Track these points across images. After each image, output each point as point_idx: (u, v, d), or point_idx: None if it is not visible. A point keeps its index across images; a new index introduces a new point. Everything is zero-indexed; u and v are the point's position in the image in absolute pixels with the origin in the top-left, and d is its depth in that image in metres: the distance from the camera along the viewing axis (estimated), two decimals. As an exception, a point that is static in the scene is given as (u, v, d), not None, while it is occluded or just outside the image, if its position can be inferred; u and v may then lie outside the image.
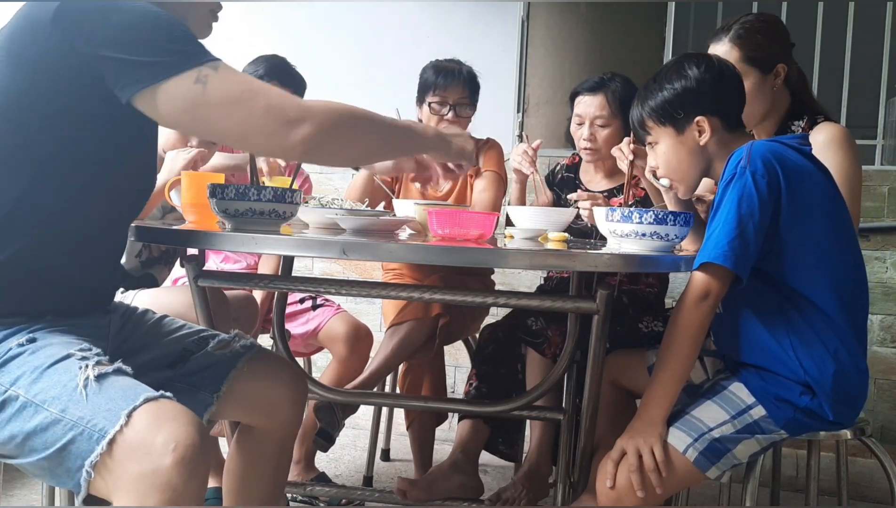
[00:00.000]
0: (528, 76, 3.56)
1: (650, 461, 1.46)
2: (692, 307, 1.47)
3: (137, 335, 1.48)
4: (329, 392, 2.01)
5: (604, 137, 2.29)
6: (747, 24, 1.92)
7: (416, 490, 2.04)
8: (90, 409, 1.12)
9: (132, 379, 1.20)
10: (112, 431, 1.09)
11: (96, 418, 1.11)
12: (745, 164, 1.47)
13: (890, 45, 3.28)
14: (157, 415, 1.11)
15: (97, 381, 1.15)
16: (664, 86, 1.64)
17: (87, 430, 1.11)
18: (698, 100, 1.61)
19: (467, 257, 1.48)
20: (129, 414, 1.10)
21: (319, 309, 2.51)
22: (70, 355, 1.20)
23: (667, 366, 1.50)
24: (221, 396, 1.45)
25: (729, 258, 1.44)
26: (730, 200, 1.47)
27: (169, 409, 1.13)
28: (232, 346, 1.50)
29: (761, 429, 1.50)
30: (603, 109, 2.29)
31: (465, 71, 2.47)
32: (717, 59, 1.67)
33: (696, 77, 1.62)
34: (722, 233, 1.45)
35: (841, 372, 1.49)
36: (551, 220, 1.89)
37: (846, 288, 1.53)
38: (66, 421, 1.13)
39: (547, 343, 2.13)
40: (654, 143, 1.69)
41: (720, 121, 1.62)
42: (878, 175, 3.12)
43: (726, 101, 1.64)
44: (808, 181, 1.52)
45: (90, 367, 1.17)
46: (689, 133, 1.63)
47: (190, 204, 1.77)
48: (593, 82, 2.34)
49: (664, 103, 1.63)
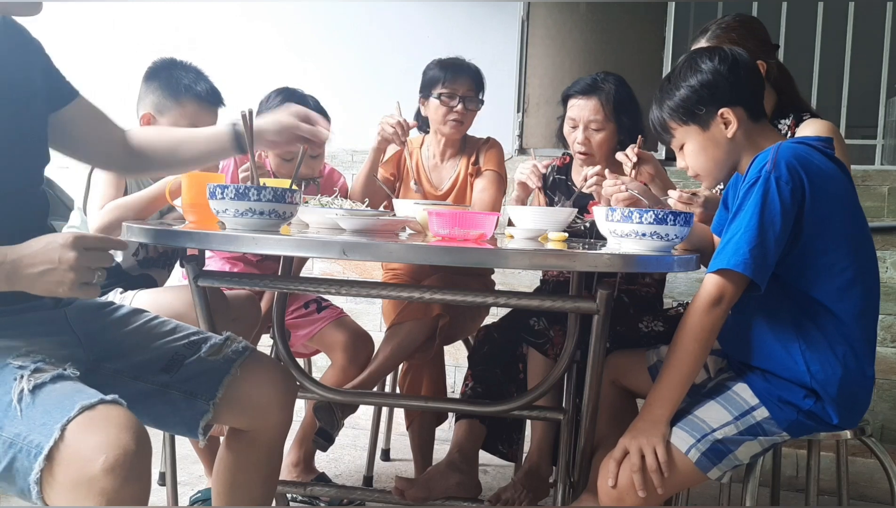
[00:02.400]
0: (528, 76, 3.56)
1: (653, 461, 1.46)
2: (705, 310, 1.46)
3: (119, 336, 1.46)
4: (328, 392, 2.00)
5: (598, 141, 2.28)
6: (723, 25, 1.95)
7: (413, 490, 2.04)
8: (25, 425, 1.11)
9: (72, 384, 1.18)
10: (47, 446, 1.08)
11: (32, 433, 1.10)
12: (770, 169, 1.44)
13: (890, 45, 3.28)
14: (90, 425, 1.10)
15: (31, 393, 1.14)
16: (680, 85, 1.60)
17: (25, 447, 1.10)
18: (718, 92, 1.57)
19: (467, 257, 1.48)
20: (63, 427, 1.09)
21: (325, 311, 2.50)
22: (7, 364, 1.18)
23: (674, 367, 1.49)
24: (217, 403, 1.44)
25: (749, 266, 1.42)
26: (753, 205, 1.44)
27: (102, 416, 1.11)
28: (224, 351, 1.49)
29: (764, 431, 1.50)
30: (597, 113, 2.26)
31: (472, 66, 2.49)
32: (730, 48, 1.63)
33: (712, 69, 1.58)
34: (743, 239, 1.43)
35: (847, 377, 1.48)
36: (551, 220, 1.88)
37: (862, 291, 1.51)
38: (3, 440, 1.12)
39: (549, 343, 2.13)
40: (679, 145, 1.65)
41: (744, 111, 1.58)
42: (878, 175, 3.12)
43: (746, 90, 1.59)
44: (831, 186, 1.49)
45: (25, 378, 1.15)
46: (715, 127, 1.58)
47: (190, 204, 1.77)
48: (586, 84, 2.29)
49: (684, 101, 1.59)
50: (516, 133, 3.51)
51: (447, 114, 2.43)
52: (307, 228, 1.79)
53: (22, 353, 1.20)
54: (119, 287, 2.13)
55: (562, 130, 2.36)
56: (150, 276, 2.24)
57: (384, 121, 2.32)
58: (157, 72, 2.12)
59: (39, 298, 1.32)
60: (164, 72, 2.11)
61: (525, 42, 3.55)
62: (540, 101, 3.55)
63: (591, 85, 2.28)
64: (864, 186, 3.12)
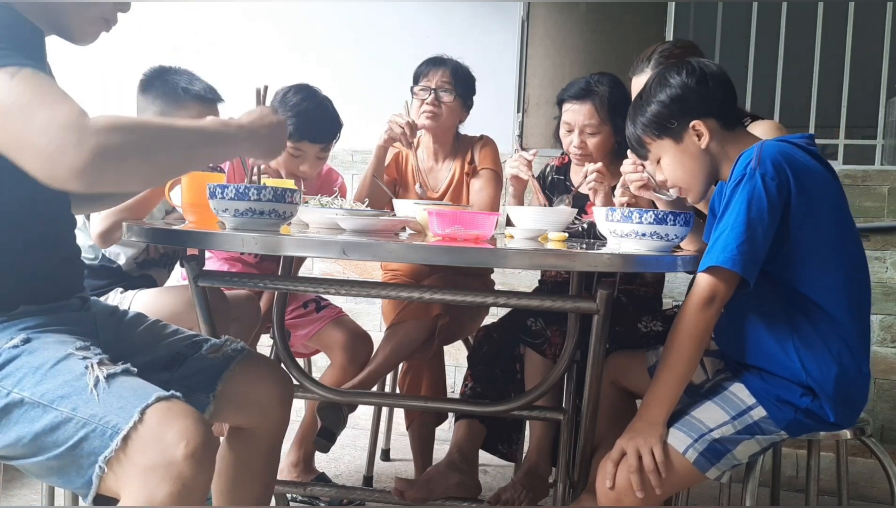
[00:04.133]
0: (528, 76, 3.56)
1: (650, 461, 1.46)
2: (698, 309, 1.46)
3: (131, 338, 1.49)
4: (328, 391, 2.00)
5: (594, 144, 2.26)
6: (665, 52, 2.00)
7: (413, 491, 2.04)
8: (102, 407, 1.15)
9: (140, 379, 1.23)
10: (126, 427, 1.12)
11: (109, 415, 1.14)
12: (755, 166, 1.46)
13: (890, 45, 3.28)
14: (168, 413, 1.15)
15: (107, 381, 1.18)
16: (651, 101, 1.63)
17: (100, 427, 1.14)
18: (688, 105, 1.60)
19: (467, 257, 1.48)
20: (142, 411, 1.14)
21: (324, 310, 2.51)
22: (70, 354, 1.22)
23: (670, 367, 1.49)
24: (216, 397, 1.47)
25: (738, 262, 1.42)
26: (739, 202, 1.45)
27: (179, 408, 1.17)
28: (224, 350, 1.53)
29: (761, 430, 1.50)
30: (591, 118, 2.23)
31: (451, 61, 2.48)
32: (698, 61, 1.66)
33: (680, 83, 1.61)
34: (731, 236, 1.44)
35: (843, 375, 1.49)
36: (551, 220, 1.88)
37: (853, 289, 1.52)
38: (77, 420, 1.15)
39: (547, 343, 2.13)
40: (656, 159, 1.67)
41: (716, 122, 1.61)
42: (878, 175, 3.12)
43: (716, 100, 1.62)
44: (817, 182, 1.51)
45: (96, 367, 1.20)
46: (688, 139, 1.61)
47: (190, 204, 1.77)
48: (579, 89, 2.26)
49: (656, 116, 1.62)
50: (516, 133, 3.51)
51: (420, 107, 2.43)
52: (307, 228, 1.79)
53: (80, 347, 1.25)
54: (119, 287, 2.13)
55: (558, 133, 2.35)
56: (149, 276, 2.24)
57: (393, 120, 2.31)
58: (152, 81, 2.12)
59: (70, 297, 1.41)
60: (159, 80, 2.11)
61: (525, 42, 3.55)
62: (540, 101, 3.55)
63: (585, 89, 2.25)
64: (864, 186, 3.12)
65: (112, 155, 1.08)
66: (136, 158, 1.12)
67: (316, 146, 2.34)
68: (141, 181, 1.23)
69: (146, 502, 1.10)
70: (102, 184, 1.12)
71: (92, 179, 1.08)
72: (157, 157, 1.16)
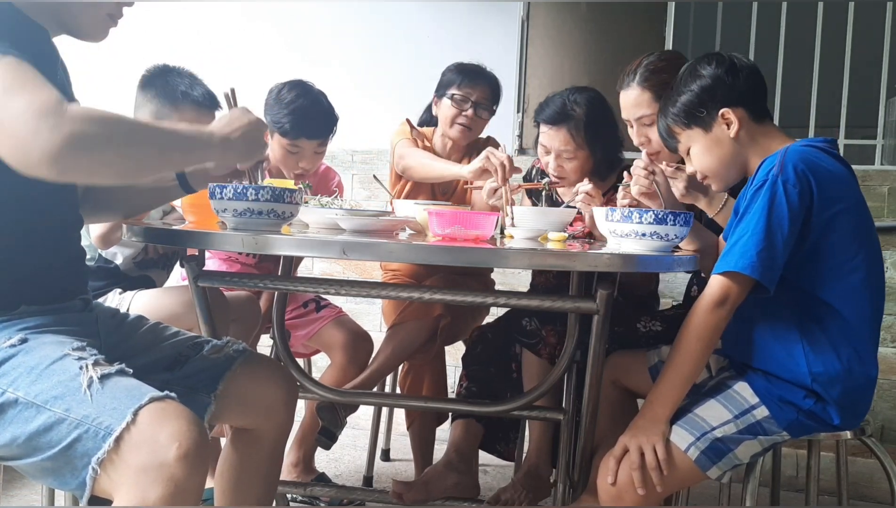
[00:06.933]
0: (528, 76, 3.56)
1: (652, 458, 1.46)
2: (709, 311, 1.46)
3: (132, 340, 1.49)
4: (328, 392, 2.00)
5: (571, 169, 2.18)
6: (651, 66, 1.98)
7: (411, 493, 2.03)
8: (95, 408, 1.14)
9: (135, 380, 1.22)
10: (119, 428, 1.12)
11: (102, 416, 1.13)
12: (777, 172, 1.46)
13: (890, 45, 3.28)
14: (162, 414, 1.14)
15: (100, 381, 1.17)
16: (682, 91, 1.64)
17: (93, 428, 1.13)
18: (717, 94, 1.60)
19: (467, 257, 1.48)
20: (135, 412, 1.13)
21: (324, 310, 2.50)
22: (66, 355, 1.21)
23: (676, 366, 1.49)
24: (218, 397, 1.47)
25: (757, 269, 1.42)
26: (760, 208, 1.45)
27: (172, 408, 1.16)
28: (226, 351, 1.53)
29: (764, 430, 1.50)
30: (567, 144, 2.14)
31: (491, 75, 2.48)
32: (729, 53, 1.67)
33: (711, 74, 1.61)
34: (751, 242, 1.44)
35: (851, 379, 1.49)
36: (551, 220, 1.88)
37: (871, 293, 1.52)
38: (70, 420, 1.14)
39: (542, 343, 2.13)
40: (686, 149, 1.67)
41: (745, 112, 1.60)
42: (878, 175, 3.12)
43: (746, 90, 1.61)
44: (839, 187, 1.50)
45: (90, 367, 1.19)
46: (717, 128, 1.61)
47: (190, 204, 1.77)
48: (555, 112, 2.15)
49: (686, 106, 1.63)
50: (516, 133, 3.51)
51: (456, 117, 2.41)
52: (307, 228, 1.79)
53: (77, 347, 1.24)
54: (118, 288, 2.13)
55: None
56: (148, 277, 2.24)
57: (492, 153, 2.07)
58: (153, 80, 2.12)
59: (73, 298, 1.41)
60: (160, 79, 2.11)
61: (525, 42, 3.55)
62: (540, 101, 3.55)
63: (560, 113, 2.14)
64: (864, 186, 3.09)
65: (86, 143, 1.08)
66: (111, 150, 1.12)
67: (313, 142, 2.34)
68: (115, 174, 1.21)
69: (138, 503, 1.10)
70: (76, 172, 1.13)
71: (65, 166, 1.07)
72: (130, 152, 1.16)
